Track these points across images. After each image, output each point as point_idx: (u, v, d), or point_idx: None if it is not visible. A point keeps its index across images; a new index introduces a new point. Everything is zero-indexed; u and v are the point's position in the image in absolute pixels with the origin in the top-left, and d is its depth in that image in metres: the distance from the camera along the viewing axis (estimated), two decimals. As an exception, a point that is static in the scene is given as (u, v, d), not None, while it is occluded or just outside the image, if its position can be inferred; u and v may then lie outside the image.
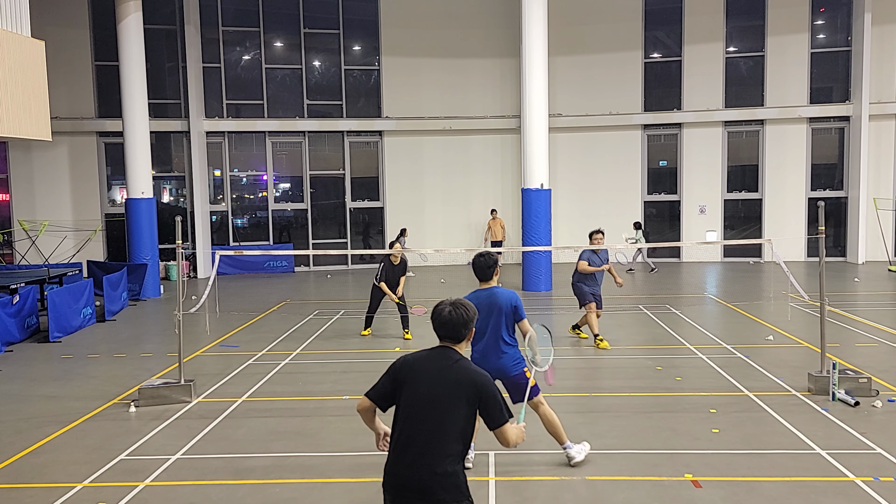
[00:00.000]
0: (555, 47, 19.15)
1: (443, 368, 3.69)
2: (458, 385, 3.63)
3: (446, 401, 3.61)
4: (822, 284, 8.68)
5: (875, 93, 20.81)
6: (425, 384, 3.65)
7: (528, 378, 5.91)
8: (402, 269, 11.99)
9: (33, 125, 10.63)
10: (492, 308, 6.08)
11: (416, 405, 3.63)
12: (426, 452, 3.56)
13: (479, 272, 6.26)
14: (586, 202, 22.07)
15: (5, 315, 11.78)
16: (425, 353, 3.80)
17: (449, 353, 3.77)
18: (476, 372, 3.71)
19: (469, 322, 3.78)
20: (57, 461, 6.77)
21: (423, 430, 3.59)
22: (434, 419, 3.59)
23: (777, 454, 6.61)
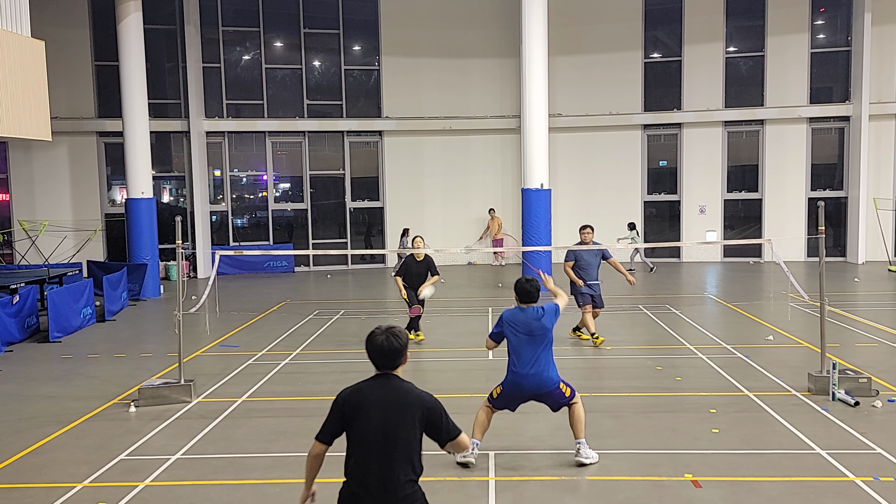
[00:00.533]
0: (555, 47, 19.15)
1: (390, 398, 3.72)
2: (410, 410, 3.71)
3: (401, 427, 3.67)
4: (822, 284, 8.68)
5: (875, 93, 20.81)
6: (377, 414, 3.68)
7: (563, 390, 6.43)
8: (426, 266, 11.13)
9: (33, 125, 10.63)
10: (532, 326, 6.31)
11: (371, 436, 3.67)
12: (388, 479, 3.63)
13: (525, 296, 6.42)
14: (586, 202, 22.05)
15: (5, 315, 11.78)
16: (368, 383, 3.79)
17: (391, 380, 3.79)
18: (423, 395, 3.79)
19: (403, 349, 3.80)
20: (57, 461, 6.77)
21: (382, 459, 3.65)
22: (391, 447, 3.66)
23: (777, 454, 6.60)
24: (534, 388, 6.30)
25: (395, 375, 3.82)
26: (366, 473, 3.67)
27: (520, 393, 6.38)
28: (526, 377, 6.25)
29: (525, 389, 6.32)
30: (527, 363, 6.25)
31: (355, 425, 3.73)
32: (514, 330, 6.33)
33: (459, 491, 5.95)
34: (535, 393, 6.35)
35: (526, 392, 6.35)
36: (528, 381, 6.25)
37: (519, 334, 6.30)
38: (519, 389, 6.34)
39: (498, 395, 6.52)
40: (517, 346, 6.31)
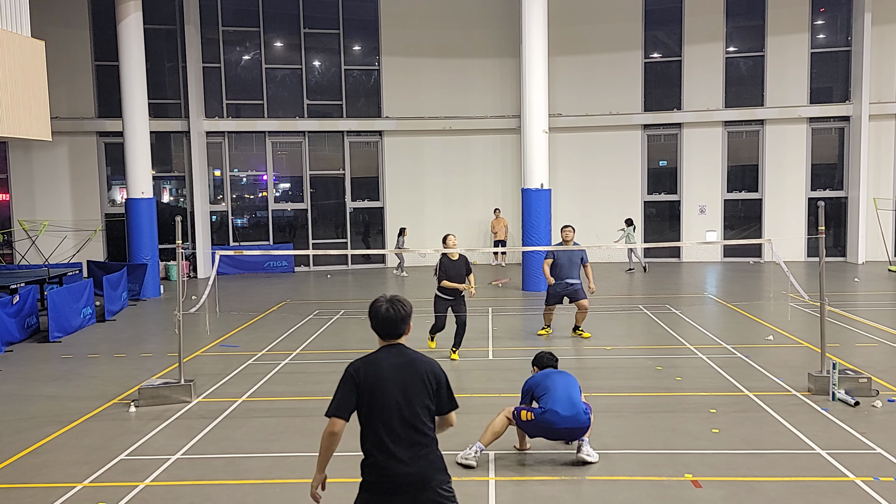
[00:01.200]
0: (555, 47, 19.15)
1: (404, 364, 3.79)
2: (424, 376, 3.78)
3: (418, 394, 3.74)
4: (822, 284, 8.68)
5: (875, 93, 20.81)
6: (395, 383, 3.73)
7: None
8: (465, 265, 10.32)
9: (33, 125, 10.63)
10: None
11: (393, 405, 3.71)
12: (416, 445, 3.71)
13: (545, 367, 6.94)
14: (586, 202, 22.07)
15: (5, 315, 11.78)
16: (378, 354, 3.84)
17: (401, 349, 3.85)
18: (431, 361, 3.87)
19: (407, 318, 3.85)
20: (57, 461, 6.77)
21: (407, 427, 3.71)
22: (412, 414, 3.72)
23: (777, 454, 6.60)
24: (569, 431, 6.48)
25: (402, 344, 3.87)
26: (393, 444, 3.69)
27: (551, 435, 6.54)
28: (564, 419, 6.34)
29: (559, 433, 6.48)
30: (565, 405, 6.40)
31: (373, 396, 3.74)
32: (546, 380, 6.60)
33: (459, 491, 5.92)
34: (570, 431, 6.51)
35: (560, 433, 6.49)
36: (566, 422, 6.36)
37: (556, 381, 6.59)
38: (551, 433, 6.49)
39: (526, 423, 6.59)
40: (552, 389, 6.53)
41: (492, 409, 8.09)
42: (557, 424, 6.32)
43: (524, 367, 9.91)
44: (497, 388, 8.94)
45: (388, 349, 3.84)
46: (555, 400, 6.36)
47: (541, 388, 6.56)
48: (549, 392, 6.45)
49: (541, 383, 6.59)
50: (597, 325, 12.57)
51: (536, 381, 6.65)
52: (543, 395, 6.47)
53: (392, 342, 3.86)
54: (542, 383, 6.59)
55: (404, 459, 3.68)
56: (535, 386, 6.64)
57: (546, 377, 6.65)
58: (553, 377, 6.63)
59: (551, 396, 6.40)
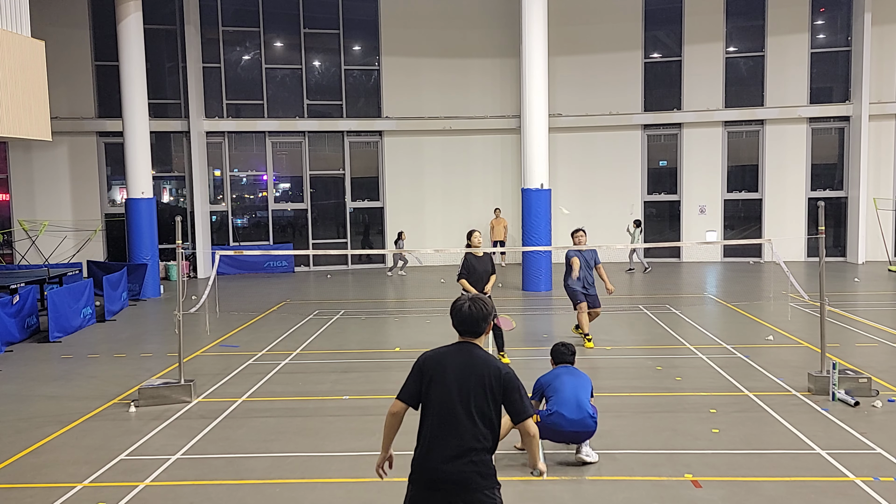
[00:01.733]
0: (555, 47, 19.15)
1: (468, 364, 3.79)
2: (485, 379, 3.75)
3: (475, 395, 3.73)
4: (822, 284, 8.68)
5: (875, 93, 20.81)
6: (453, 380, 3.76)
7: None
8: (489, 264, 10.02)
9: (33, 125, 10.63)
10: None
11: (447, 401, 3.74)
12: (462, 445, 3.68)
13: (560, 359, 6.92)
14: (586, 202, 22.07)
15: (5, 315, 11.78)
16: (449, 348, 3.90)
17: (471, 348, 3.87)
18: (500, 365, 3.83)
19: (488, 316, 3.89)
20: (57, 461, 6.77)
21: (457, 425, 3.71)
22: (466, 413, 3.71)
23: (777, 454, 6.61)
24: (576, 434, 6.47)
25: (475, 344, 3.90)
26: (441, 438, 3.72)
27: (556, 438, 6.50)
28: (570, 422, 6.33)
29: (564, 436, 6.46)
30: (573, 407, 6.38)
31: (432, 390, 3.79)
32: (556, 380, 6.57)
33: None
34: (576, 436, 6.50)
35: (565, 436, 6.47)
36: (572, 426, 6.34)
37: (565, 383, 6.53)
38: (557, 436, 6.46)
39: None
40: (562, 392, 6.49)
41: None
42: (563, 427, 6.31)
43: (524, 367, 9.91)
44: (497, 388, 8.93)
45: (460, 345, 3.89)
46: (562, 402, 6.34)
47: (550, 389, 6.56)
48: (558, 394, 6.43)
49: (551, 383, 6.58)
50: (597, 325, 12.57)
51: (547, 381, 6.64)
52: (552, 397, 6.46)
53: (466, 339, 3.90)
54: (552, 384, 6.58)
55: (445, 457, 3.68)
56: (545, 385, 6.63)
57: (556, 377, 6.62)
58: (563, 378, 6.59)
59: (559, 398, 6.38)
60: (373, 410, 8.01)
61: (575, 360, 6.85)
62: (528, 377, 9.42)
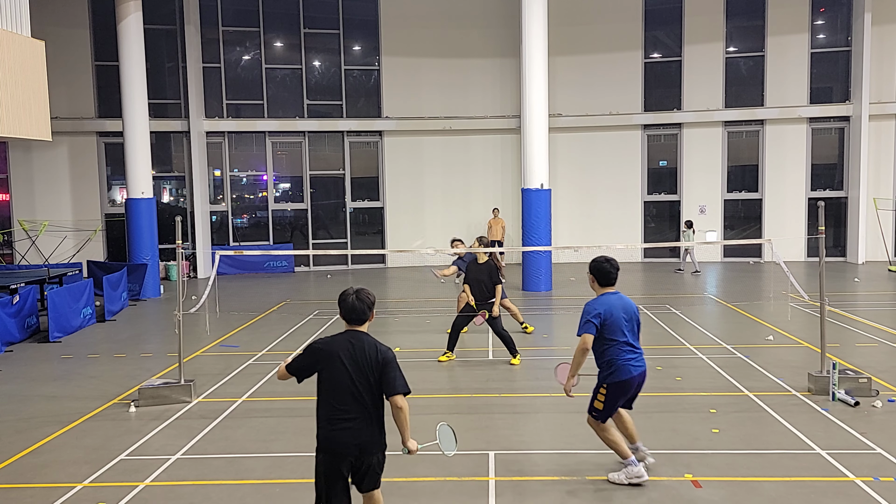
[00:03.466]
0: (555, 47, 19.14)
1: (356, 348, 4.41)
2: (370, 360, 4.38)
3: (365, 375, 4.37)
4: (822, 284, 8.68)
5: (875, 93, 20.81)
6: (345, 364, 4.36)
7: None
8: (489, 271, 9.89)
9: (33, 125, 10.63)
10: (628, 311, 5.99)
11: (340, 382, 4.36)
12: (357, 417, 4.36)
13: (604, 277, 6.07)
14: (586, 202, 22.08)
15: (5, 315, 11.78)
16: (338, 336, 4.49)
17: (358, 335, 4.48)
18: (382, 347, 4.46)
19: (371, 306, 4.52)
20: (57, 461, 6.77)
21: (352, 402, 4.35)
22: (357, 391, 4.35)
23: (777, 454, 6.61)
24: (642, 376, 5.99)
25: (361, 331, 4.51)
26: (340, 414, 4.36)
27: (628, 388, 5.98)
28: (637, 367, 5.92)
29: (636, 381, 5.96)
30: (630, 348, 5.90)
31: (325, 373, 4.42)
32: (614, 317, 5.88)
33: (459, 491, 5.95)
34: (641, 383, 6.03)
35: (634, 384, 5.98)
36: (640, 370, 5.94)
37: (622, 320, 5.91)
38: (629, 385, 5.95)
39: (605, 402, 5.97)
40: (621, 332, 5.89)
41: (492, 409, 8.11)
42: (633, 374, 5.90)
43: (524, 367, 9.93)
44: (497, 388, 8.94)
45: (349, 333, 4.50)
46: (625, 342, 5.87)
47: (609, 327, 5.88)
48: (618, 336, 5.86)
49: (607, 319, 5.87)
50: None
51: (604, 312, 5.88)
52: (612, 343, 5.88)
53: (353, 328, 4.51)
54: (609, 320, 5.87)
55: (344, 429, 4.36)
56: (603, 317, 5.88)
57: (611, 310, 5.90)
58: (617, 313, 5.90)
59: (622, 343, 5.87)
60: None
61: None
62: (528, 377, 9.48)
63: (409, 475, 6.15)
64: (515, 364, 9.98)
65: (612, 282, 6.07)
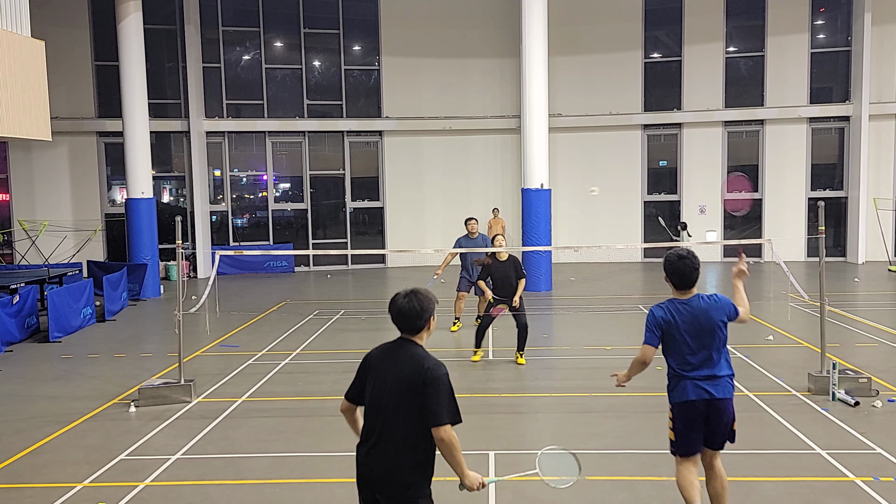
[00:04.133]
0: (555, 47, 19.14)
1: (399, 361, 3.68)
2: (411, 378, 3.61)
3: (405, 394, 3.60)
4: (822, 284, 8.68)
5: (875, 93, 20.81)
6: (386, 378, 3.67)
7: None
8: (513, 268, 9.86)
9: (33, 125, 10.63)
10: (703, 323, 4.85)
11: (380, 399, 3.66)
12: (392, 445, 3.60)
13: (681, 279, 4.95)
14: (586, 202, 22.06)
15: (5, 315, 11.78)
16: (387, 345, 3.80)
17: (406, 345, 3.73)
18: (427, 364, 3.63)
19: (424, 312, 3.70)
20: (57, 461, 6.77)
21: (389, 424, 3.62)
22: (397, 413, 3.60)
23: (777, 454, 6.60)
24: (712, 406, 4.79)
25: (412, 342, 3.73)
26: (374, 437, 3.66)
27: (694, 414, 4.80)
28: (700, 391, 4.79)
29: (700, 408, 4.77)
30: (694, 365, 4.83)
31: (369, 388, 3.73)
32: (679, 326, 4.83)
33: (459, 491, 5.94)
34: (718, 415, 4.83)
35: (701, 411, 4.80)
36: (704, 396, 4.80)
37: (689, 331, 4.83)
38: (692, 409, 4.80)
39: (674, 428, 4.95)
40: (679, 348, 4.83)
41: (491, 409, 8.10)
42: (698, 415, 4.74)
43: (524, 367, 9.93)
44: (497, 388, 8.94)
45: (397, 342, 3.79)
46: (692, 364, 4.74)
47: (671, 336, 4.83)
48: (678, 351, 4.78)
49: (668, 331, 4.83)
50: (597, 324, 12.58)
51: (668, 320, 4.86)
52: (674, 359, 4.86)
53: (405, 336, 3.77)
54: (670, 332, 4.82)
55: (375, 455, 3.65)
56: (665, 326, 4.84)
57: (671, 321, 4.80)
58: (686, 322, 4.81)
59: (681, 359, 4.78)
60: (373, 410, 8.02)
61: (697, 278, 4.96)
62: (528, 377, 9.47)
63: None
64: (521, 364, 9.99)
65: (691, 284, 4.95)
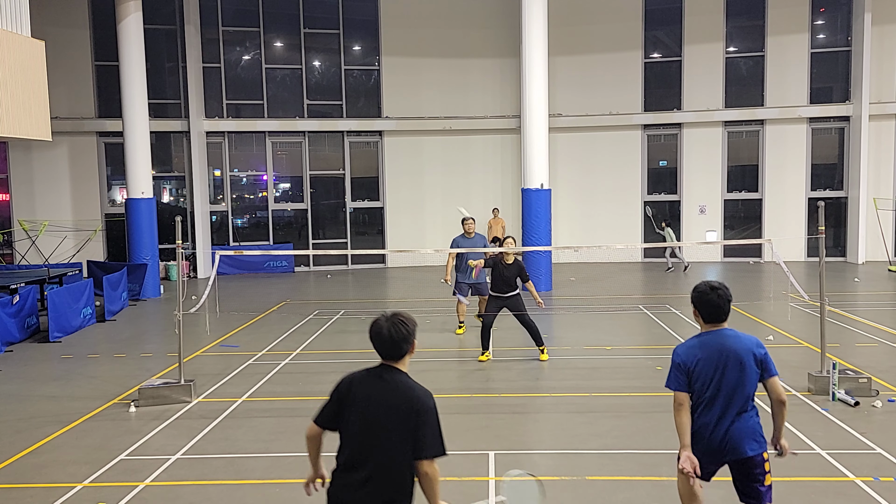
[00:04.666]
0: (555, 47, 19.14)
1: (383, 390, 3.50)
2: (398, 408, 3.44)
3: (388, 426, 3.44)
4: (822, 284, 8.68)
5: (875, 93, 20.81)
6: (367, 407, 3.48)
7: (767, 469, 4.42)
8: (517, 273, 9.93)
9: (33, 125, 10.63)
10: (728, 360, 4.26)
11: (360, 430, 3.49)
12: (373, 478, 3.43)
13: (712, 311, 4.30)
14: (586, 202, 22.07)
15: (5, 315, 11.78)
16: (369, 372, 3.60)
17: (390, 373, 3.54)
18: (417, 394, 3.48)
19: (409, 337, 3.53)
20: (57, 461, 6.77)
21: (369, 456, 3.45)
22: (379, 444, 3.44)
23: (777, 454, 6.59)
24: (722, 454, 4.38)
25: (395, 369, 3.55)
26: (353, 468, 3.48)
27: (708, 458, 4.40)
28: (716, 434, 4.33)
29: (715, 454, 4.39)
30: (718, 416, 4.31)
31: (349, 415, 3.54)
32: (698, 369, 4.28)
33: (459, 491, 5.94)
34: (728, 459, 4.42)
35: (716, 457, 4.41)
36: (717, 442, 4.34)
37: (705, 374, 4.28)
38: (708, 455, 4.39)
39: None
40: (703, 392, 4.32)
41: (491, 409, 8.10)
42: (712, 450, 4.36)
43: (524, 367, 9.93)
44: (497, 388, 8.94)
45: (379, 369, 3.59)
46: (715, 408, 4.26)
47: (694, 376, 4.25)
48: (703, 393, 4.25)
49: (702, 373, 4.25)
50: (597, 324, 12.58)
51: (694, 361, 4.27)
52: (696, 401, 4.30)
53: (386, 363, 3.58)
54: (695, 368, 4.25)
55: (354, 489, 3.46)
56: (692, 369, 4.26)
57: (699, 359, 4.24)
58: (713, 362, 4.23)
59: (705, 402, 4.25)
60: (373, 410, 8.02)
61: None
62: (528, 377, 9.47)
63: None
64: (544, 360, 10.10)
65: (723, 317, 4.34)
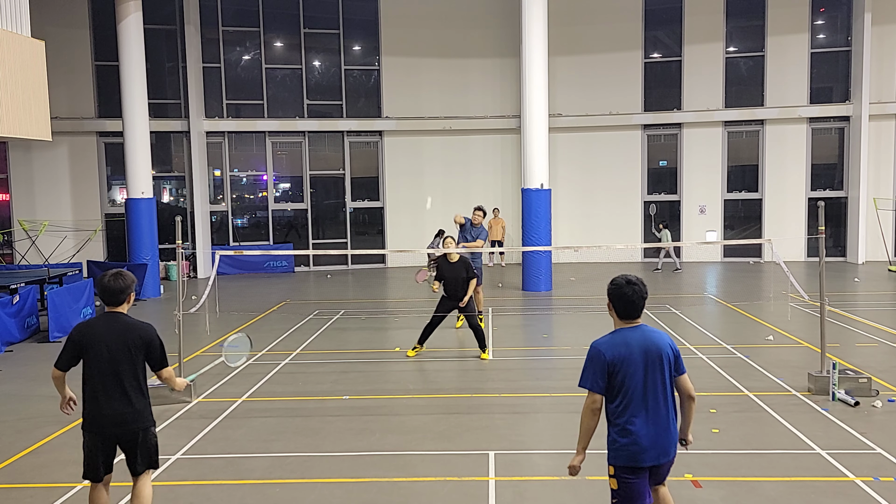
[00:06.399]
0: (555, 47, 19.15)
1: (116, 330, 4.76)
2: (131, 341, 4.76)
3: (126, 355, 4.74)
4: (822, 284, 8.68)
5: (875, 93, 20.81)
6: (106, 345, 4.72)
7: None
8: (464, 269, 10.28)
9: (33, 125, 10.63)
10: (648, 356, 4.13)
11: (103, 363, 4.71)
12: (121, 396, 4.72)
13: (627, 306, 4.27)
14: (586, 202, 22.08)
15: (5, 315, 11.78)
16: (97, 319, 4.83)
17: (117, 316, 4.83)
18: (141, 327, 4.84)
19: (127, 288, 4.84)
20: (57, 461, 6.77)
21: (115, 381, 4.72)
22: (121, 371, 4.72)
23: (777, 454, 6.60)
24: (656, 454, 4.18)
25: (120, 313, 4.84)
26: (103, 392, 4.69)
27: (639, 465, 4.18)
28: (645, 437, 4.12)
29: (646, 459, 4.15)
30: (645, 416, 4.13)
31: (89, 356, 4.73)
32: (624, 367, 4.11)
33: (459, 491, 5.95)
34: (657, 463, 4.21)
35: (647, 462, 4.17)
36: (649, 442, 4.14)
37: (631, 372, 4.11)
38: (637, 459, 4.16)
39: (618, 485, 4.24)
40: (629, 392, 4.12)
41: (492, 409, 8.11)
42: (643, 454, 4.14)
43: (524, 368, 9.93)
44: (497, 388, 8.94)
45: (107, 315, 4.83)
46: (639, 407, 4.11)
47: (621, 376, 4.10)
48: (629, 392, 4.09)
49: (620, 366, 4.10)
50: (597, 324, 12.58)
51: (615, 359, 4.11)
52: (623, 394, 4.11)
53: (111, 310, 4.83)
54: (621, 367, 4.10)
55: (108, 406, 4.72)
56: (611, 366, 4.10)
57: (623, 357, 4.10)
58: (634, 357, 4.10)
59: (634, 399, 4.10)
60: (373, 410, 8.02)
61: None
62: (528, 377, 9.47)
63: (409, 475, 6.15)
64: (485, 359, 10.21)
65: (637, 314, 4.28)
